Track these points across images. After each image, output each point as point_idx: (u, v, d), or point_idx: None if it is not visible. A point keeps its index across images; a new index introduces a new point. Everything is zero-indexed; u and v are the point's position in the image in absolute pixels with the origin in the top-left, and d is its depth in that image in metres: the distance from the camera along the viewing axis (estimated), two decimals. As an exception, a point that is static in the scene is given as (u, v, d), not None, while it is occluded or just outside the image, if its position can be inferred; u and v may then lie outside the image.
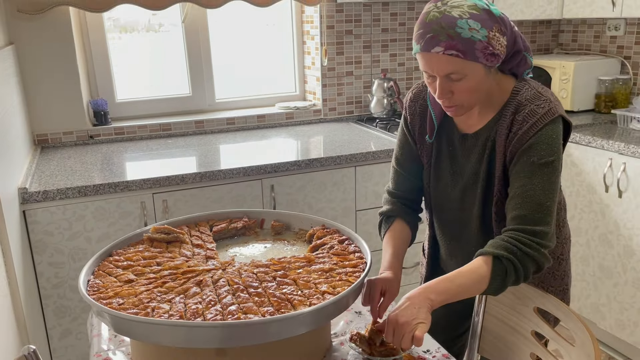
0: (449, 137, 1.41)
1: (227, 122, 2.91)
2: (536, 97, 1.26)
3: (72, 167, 2.30)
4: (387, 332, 1.15)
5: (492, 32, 1.18)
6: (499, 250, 1.18)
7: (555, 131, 1.24)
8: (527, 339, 1.33)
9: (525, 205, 1.21)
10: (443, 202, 1.46)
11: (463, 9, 1.17)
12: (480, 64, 1.20)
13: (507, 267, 1.17)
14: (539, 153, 1.22)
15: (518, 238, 1.19)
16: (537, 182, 1.22)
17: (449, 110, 1.30)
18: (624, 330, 2.56)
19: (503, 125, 1.28)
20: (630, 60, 3.10)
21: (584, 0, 2.90)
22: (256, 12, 2.95)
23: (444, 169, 1.43)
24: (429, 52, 1.19)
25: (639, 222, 2.40)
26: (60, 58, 2.55)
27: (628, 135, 2.57)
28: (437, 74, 1.22)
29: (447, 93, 1.24)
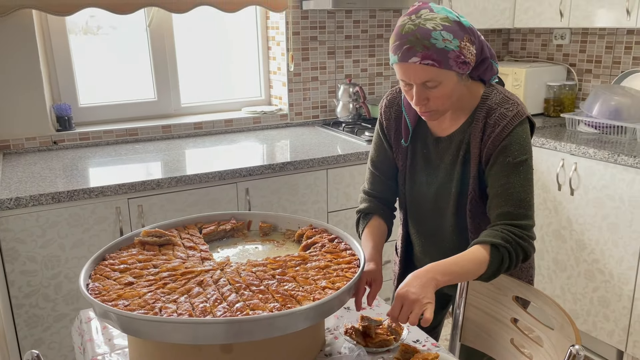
0: (423, 140, 1.49)
1: (195, 126, 2.91)
2: (504, 101, 1.37)
3: (39, 173, 2.25)
4: (394, 308, 1.20)
5: (463, 42, 1.27)
6: (496, 240, 1.28)
7: (524, 132, 1.35)
8: (508, 326, 1.43)
9: (509, 202, 1.32)
10: (418, 202, 1.54)
11: (436, 21, 1.25)
12: (453, 72, 1.29)
13: (504, 255, 1.28)
14: (513, 153, 1.33)
15: (511, 230, 1.30)
16: (515, 180, 1.33)
17: (424, 115, 1.38)
18: (577, 319, 2.74)
19: (476, 129, 1.38)
20: (575, 67, 3.32)
21: (534, 11, 3.09)
22: (221, 18, 2.97)
23: (419, 171, 1.51)
24: (407, 62, 1.26)
25: (590, 218, 2.59)
26: (23, 62, 2.49)
27: (577, 137, 2.76)
28: (414, 82, 1.30)
29: (423, 100, 1.32)
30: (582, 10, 2.84)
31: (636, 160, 2.35)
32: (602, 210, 2.54)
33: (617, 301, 2.54)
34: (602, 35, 3.15)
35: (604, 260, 2.56)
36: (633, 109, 2.72)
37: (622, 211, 2.45)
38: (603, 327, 2.62)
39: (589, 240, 2.61)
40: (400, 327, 1.36)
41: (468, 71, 1.33)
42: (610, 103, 2.76)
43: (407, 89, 1.34)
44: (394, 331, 1.34)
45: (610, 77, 3.14)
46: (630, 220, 2.42)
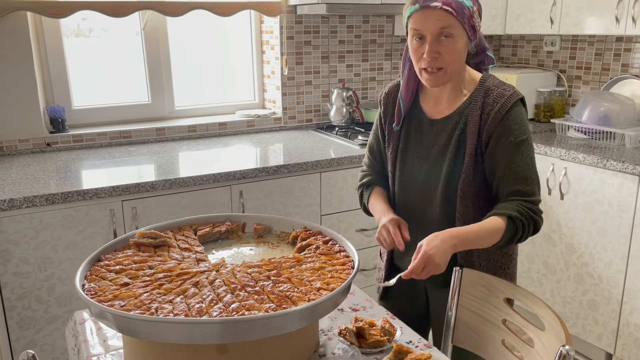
0: (418, 124, 1.53)
1: (189, 129, 2.92)
2: (501, 83, 1.45)
3: (33, 175, 2.25)
4: (418, 265, 1.29)
5: (475, 6, 1.38)
6: (513, 212, 1.36)
7: (522, 112, 1.43)
8: (499, 327, 1.45)
9: (517, 181, 1.39)
10: (408, 185, 1.56)
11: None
12: (464, 30, 1.36)
13: (518, 227, 1.37)
14: (514, 133, 1.39)
15: (524, 205, 1.38)
16: (519, 159, 1.40)
17: (431, 76, 1.40)
18: (567, 322, 2.77)
19: (475, 108, 1.43)
20: (565, 74, 3.37)
21: (525, 18, 3.13)
22: (216, 21, 2.98)
23: (411, 154, 1.55)
24: (429, 6, 1.33)
25: (580, 222, 2.62)
26: (17, 64, 2.49)
27: (567, 143, 2.80)
28: (429, 32, 1.35)
29: (435, 53, 1.36)
30: (572, 17, 2.88)
31: (624, 165, 2.38)
32: (591, 214, 2.57)
33: (606, 304, 2.57)
34: (591, 42, 3.20)
35: (593, 264, 2.60)
36: (622, 115, 2.77)
37: (611, 215, 2.48)
38: (592, 330, 2.66)
39: (579, 244, 2.65)
40: (393, 328, 1.38)
41: (474, 41, 1.42)
42: (600, 109, 2.80)
43: (418, 45, 1.39)
44: (388, 332, 1.36)
45: (600, 83, 3.18)
46: (618, 225, 2.46)
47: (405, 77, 1.52)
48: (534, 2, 3.05)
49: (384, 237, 1.48)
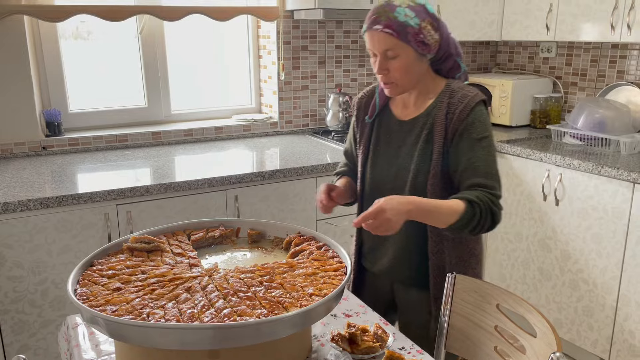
0: (387, 124, 1.61)
1: (185, 133, 2.93)
2: (465, 86, 1.54)
3: (28, 178, 2.25)
4: (369, 214, 1.31)
5: (424, 22, 1.43)
6: (473, 197, 1.40)
7: (484, 111, 1.50)
8: (491, 334, 1.46)
9: (478, 174, 1.45)
10: (378, 184, 1.62)
11: (403, 0, 1.44)
12: (411, 47, 1.43)
13: (476, 212, 1.39)
14: (476, 130, 1.47)
15: (486, 196, 1.42)
16: (480, 154, 1.46)
17: (385, 87, 1.51)
18: (561, 328, 2.77)
19: (441, 109, 1.51)
20: (561, 80, 3.38)
21: (521, 24, 3.15)
22: (213, 26, 2.99)
23: (381, 154, 1.61)
24: (371, 29, 1.44)
25: (575, 228, 2.63)
26: (13, 67, 2.49)
27: (562, 149, 2.80)
28: (376, 50, 1.45)
29: (384, 70, 1.47)
30: (567, 24, 2.89)
31: (619, 172, 2.39)
32: (586, 220, 2.58)
33: (601, 311, 2.57)
34: (587, 49, 3.21)
35: (588, 270, 2.60)
36: (617, 121, 2.77)
37: (606, 222, 2.49)
38: (587, 337, 2.66)
39: (574, 250, 2.65)
40: (386, 334, 1.38)
41: (429, 54, 1.47)
42: (595, 115, 2.81)
43: (374, 60, 1.49)
44: (380, 338, 1.36)
45: (595, 90, 3.19)
46: (613, 231, 2.47)
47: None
48: (530, 8, 3.07)
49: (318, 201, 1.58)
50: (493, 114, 3.39)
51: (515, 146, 2.87)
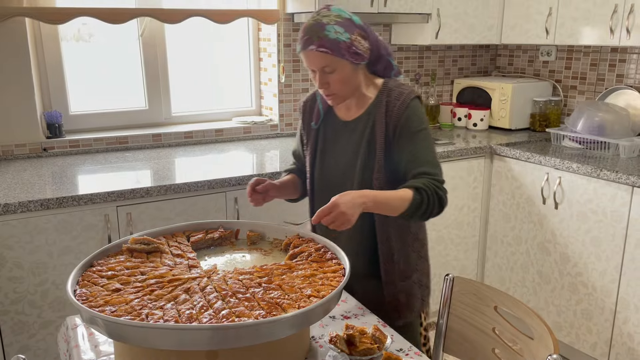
0: (333, 126, 1.70)
1: (185, 135, 2.93)
2: (400, 84, 1.63)
3: (29, 180, 2.26)
4: (325, 210, 1.38)
5: (354, 35, 1.51)
6: (420, 185, 1.50)
7: (419, 106, 1.60)
8: (489, 336, 1.46)
9: (421, 164, 1.55)
10: (326, 183, 1.70)
11: (330, 17, 1.50)
12: (346, 60, 1.50)
13: (423, 198, 1.49)
14: (414, 124, 1.57)
15: (431, 181, 1.52)
16: (420, 145, 1.56)
17: (328, 98, 1.59)
18: (561, 332, 2.77)
19: (380, 107, 1.60)
20: (560, 84, 3.39)
21: (520, 28, 3.16)
22: (213, 28, 3.00)
23: (328, 154, 1.70)
24: (306, 50, 1.51)
25: (574, 231, 2.63)
26: (14, 69, 2.50)
27: (562, 152, 2.81)
28: (315, 68, 1.53)
29: (325, 84, 1.55)
30: (567, 28, 2.90)
31: (618, 175, 2.40)
32: (585, 224, 2.58)
33: (600, 314, 2.57)
34: (587, 53, 3.22)
35: (587, 274, 2.61)
36: (616, 125, 2.78)
37: (605, 225, 2.49)
38: (586, 340, 2.66)
39: (573, 254, 2.66)
40: (384, 336, 1.38)
41: (363, 61, 1.55)
42: (595, 119, 2.82)
43: (314, 75, 1.57)
44: (378, 340, 1.37)
45: (595, 93, 3.20)
46: (612, 235, 2.47)
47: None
48: (530, 12, 3.08)
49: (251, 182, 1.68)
50: (493, 117, 3.40)
51: (515, 149, 2.88)
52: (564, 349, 2.80)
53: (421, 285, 1.72)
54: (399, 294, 1.67)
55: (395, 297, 1.67)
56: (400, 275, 1.66)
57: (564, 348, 2.80)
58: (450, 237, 3.04)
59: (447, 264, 3.08)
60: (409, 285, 1.68)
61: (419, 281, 1.71)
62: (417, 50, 3.49)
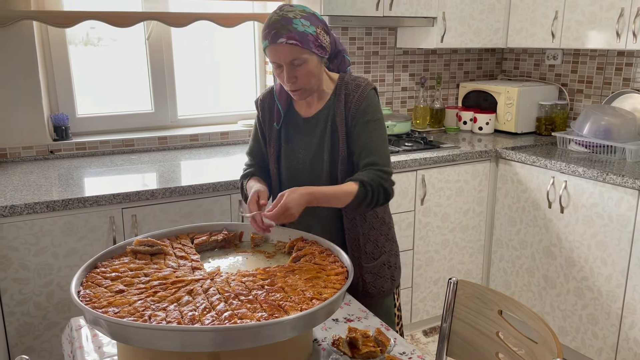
0: (295, 123, 1.72)
1: (191, 138, 2.95)
2: (356, 77, 1.69)
3: (35, 182, 2.27)
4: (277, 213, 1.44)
5: (318, 29, 1.56)
6: (365, 178, 1.57)
7: (375, 97, 1.66)
8: (493, 340, 1.45)
9: (373, 154, 1.61)
10: (294, 178, 1.73)
11: (295, 12, 1.54)
12: (313, 53, 1.54)
13: (368, 191, 1.56)
14: (369, 114, 1.63)
15: (377, 174, 1.58)
16: (374, 135, 1.62)
17: (295, 94, 1.61)
18: (567, 337, 2.76)
19: (340, 100, 1.65)
20: (567, 87, 3.38)
21: (526, 32, 3.15)
22: (219, 32, 3.02)
23: (293, 151, 1.73)
24: (276, 43, 1.52)
25: (580, 236, 2.62)
26: (22, 72, 2.52)
27: (568, 156, 2.80)
28: (283, 61, 1.54)
29: (293, 78, 1.56)
30: (573, 31, 2.90)
31: (624, 179, 2.38)
32: (591, 228, 2.57)
33: (606, 319, 2.56)
34: (593, 57, 3.21)
35: (593, 278, 2.59)
36: (623, 129, 2.77)
37: (611, 229, 2.48)
38: (592, 345, 2.64)
39: (579, 258, 2.64)
40: (387, 339, 1.38)
41: (326, 56, 1.60)
42: (601, 123, 2.81)
43: (279, 72, 1.58)
44: (381, 343, 1.36)
45: (601, 97, 3.19)
46: (618, 239, 2.46)
47: (277, 86, 1.71)
48: (536, 16, 3.07)
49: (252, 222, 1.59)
50: (498, 121, 3.39)
51: (520, 153, 2.87)
52: (570, 354, 2.78)
53: (390, 266, 1.80)
54: (365, 274, 1.74)
55: (362, 278, 1.74)
56: (366, 257, 1.74)
57: (570, 353, 2.78)
58: (455, 241, 3.03)
59: (452, 267, 3.07)
60: (377, 266, 1.76)
61: (388, 262, 1.79)
62: (422, 54, 3.49)
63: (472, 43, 3.18)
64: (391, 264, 1.80)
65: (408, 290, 2.96)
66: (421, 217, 2.88)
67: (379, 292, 1.77)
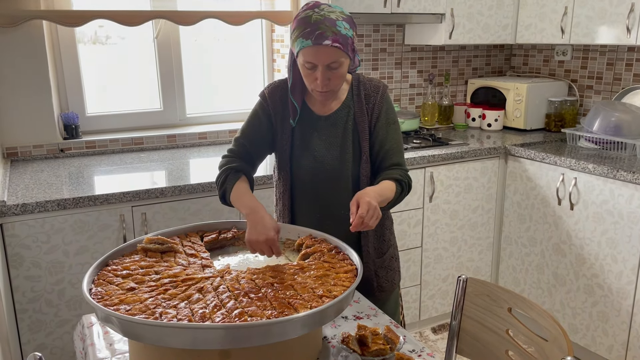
0: (311, 121, 1.69)
1: (199, 136, 2.96)
2: (371, 78, 1.72)
3: (46, 180, 2.29)
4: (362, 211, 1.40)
5: (353, 30, 1.56)
6: (398, 177, 1.63)
7: (390, 98, 1.72)
8: (503, 337, 1.45)
9: (397, 154, 1.68)
10: (312, 176, 1.70)
11: (337, 14, 1.52)
12: (348, 56, 1.55)
13: (403, 188, 1.64)
14: (390, 116, 1.69)
15: (401, 172, 1.65)
16: (394, 137, 1.68)
17: (322, 95, 1.59)
18: (576, 334, 2.74)
19: (360, 100, 1.68)
20: (576, 83, 3.35)
21: (535, 27, 3.13)
22: (227, 30, 3.02)
23: (312, 148, 1.69)
24: (320, 44, 1.48)
25: (590, 233, 2.61)
26: (32, 71, 2.54)
27: (577, 152, 2.78)
28: (322, 63, 1.51)
29: (327, 80, 1.55)
30: (582, 27, 2.88)
31: (635, 176, 2.37)
32: (601, 225, 2.55)
33: (616, 316, 2.54)
34: (603, 52, 3.19)
35: (603, 275, 2.58)
36: (633, 125, 2.75)
37: (621, 226, 2.46)
38: (602, 342, 2.63)
39: (589, 255, 2.63)
40: (396, 337, 1.38)
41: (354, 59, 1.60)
42: (611, 119, 2.79)
43: (310, 72, 1.55)
44: (390, 340, 1.37)
45: (611, 93, 3.16)
46: (629, 236, 2.44)
47: (292, 82, 1.66)
48: (545, 11, 3.05)
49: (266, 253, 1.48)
50: (507, 117, 3.38)
51: (530, 150, 2.85)
52: (580, 352, 2.77)
53: (396, 258, 1.84)
54: (378, 269, 1.77)
55: (376, 273, 1.77)
56: (376, 253, 1.77)
57: (580, 351, 2.77)
58: (464, 239, 3.03)
59: (461, 265, 3.06)
60: (386, 260, 1.79)
61: (394, 255, 1.83)
62: (430, 51, 3.47)
63: (480, 39, 3.17)
64: (396, 257, 1.85)
65: (417, 288, 2.96)
66: (430, 214, 2.88)
67: (391, 285, 1.81)
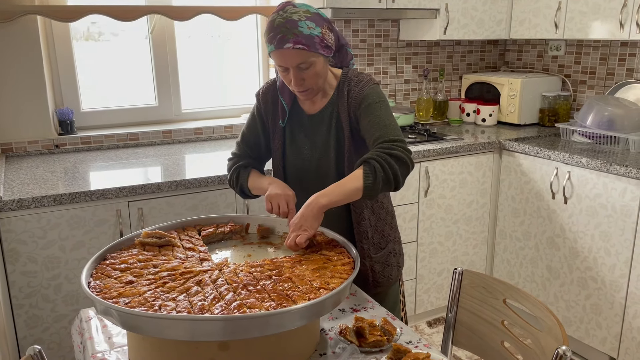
0: (299, 121, 1.71)
1: (195, 132, 2.96)
2: (359, 73, 1.67)
3: (42, 175, 2.29)
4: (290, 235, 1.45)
5: (323, 29, 1.53)
6: (368, 155, 1.50)
7: (379, 89, 1.63)
8: (498, 328, 1.47)
9: (377, 129, 1.54)
10: (302, 176, 1.73)
11: (300, 14, 1.50)
12: (320, 54, 1.52)
13: (375, 167, 1.47)
14: (372, 98, 1.59)
15: (380, 147, 1.51)
16: (378, 114, 1.57)
17: (301, 94, 1.59)
18: (570, 327, 2.77)
19: (342, 96, 1.64)
20: (570, 78, 3.37)
21: (529, 23, 3.15)
22: (222, 25, 3.02)
23: (300, 147, 1.71)
24: (282, 48, 1.48)
25: (583, 226, 2.63)
26: (27, 67, 2.53)
27: (571, 147, 2.80)
28: (290, 65, 1.51)
29: (300, 80, 1.54)
30: (576, 22, 2.89)
31: (628, 169, 2.39)
32: (594, 218, 2.58)
33: (609, 309, 2.57)
34: (596, 47, 3.21)
35: (596, 268, 2.60)
36: (626, 119, 2.77)
37: (614, 220, 2.49)
38: (595, 335, 2.66)
39: (582, 248, 2.65)
40: (393, 329, 1.40)
41: (331, 54, 1.58)
42: (604, 114, 2.81)
43: (285, 74, 1.56)
44: (387, 332, 1.38)
45: (605, 88, 3.19)
46: (622, 229, 2.47)
47: (280, 83, 1.68)
48: (539, 7, 3.07)
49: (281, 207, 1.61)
50: (501, 112, 3.39)
51: (524, 144, 2.87)
52: (574, 344, 2.80)
53: (395, 253, 1.81)
54: (374, 264, 1.74)
55: (372, 269, 1.74)
56: (374, 248, 1.74)
57: (574, 343, 2.80)
58: (459, 233, 3.05)
59: (455, 259, 3.08)
60: (384, 255, 1.76)
61: (394, 250, 1.80)
62: (425, 46, 3.49)
63: (475, 35, 3.18)
64: (396, 252, 1.82)
65: (412, 282, 2.98)
66: (425, 208, 2.89)
67: (387, 281, 1.78)
